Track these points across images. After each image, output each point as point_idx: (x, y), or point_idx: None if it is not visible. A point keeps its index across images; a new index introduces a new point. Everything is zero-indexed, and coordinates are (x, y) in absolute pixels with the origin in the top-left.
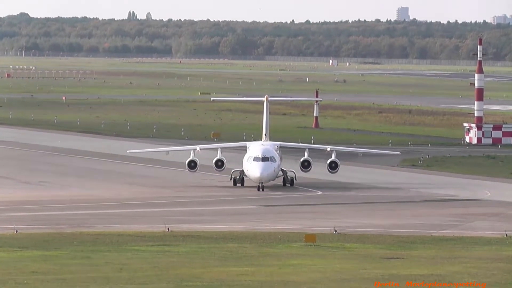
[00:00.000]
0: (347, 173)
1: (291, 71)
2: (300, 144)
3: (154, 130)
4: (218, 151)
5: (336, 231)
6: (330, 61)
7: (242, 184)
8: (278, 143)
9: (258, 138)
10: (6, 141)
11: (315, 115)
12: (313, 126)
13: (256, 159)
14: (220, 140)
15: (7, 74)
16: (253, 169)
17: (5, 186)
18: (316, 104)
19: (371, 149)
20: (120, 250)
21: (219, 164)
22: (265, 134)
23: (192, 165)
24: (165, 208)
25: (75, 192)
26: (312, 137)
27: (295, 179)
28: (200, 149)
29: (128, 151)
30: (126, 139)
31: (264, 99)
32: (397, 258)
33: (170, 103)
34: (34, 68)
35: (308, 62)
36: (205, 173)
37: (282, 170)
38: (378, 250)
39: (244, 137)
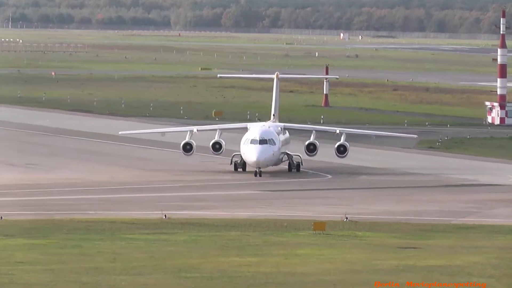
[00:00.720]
0: (359, 155)
1: (299, 45)
2: (306, 125)
3: (151, 108)
4: (217, 133)
5: (347, 218)
6: (341, 34)
7: (244, 169)
8: (283, 124)
9: (263, 117)
10: None
11: (324, 92)
12: (322, 105)
13: (253, 141)
14: (223, 119)
15: None
16: (249, 153)
17: None
18: (326, 81)
19: (385, 132)
20: (114, 239)
21: (217, 147)
22: (273, 115)
23: (188, 148)
24: (162, 193)
25: (65, 175)
26: (322, 117)
27: (302, 164)
28: (197, 130)
29: (120, 132)
30: (121, 118)
31: (275, 76)
32: (413, 248)
33: (168, 79)
34: (21, 41)
35: (317, 35)
36: (205, 155)
37: (287, 154)
38: (392, 239)
39: (248, 116)
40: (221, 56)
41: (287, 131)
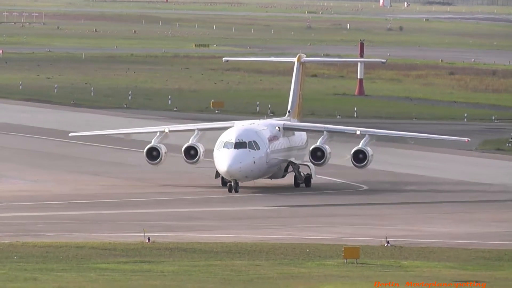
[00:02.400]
0: (403, 160)
1: (325, 14)
2: (316, 124)
3: (129, 97)
4: (194, 134)
5: (388, 242)
6: (381, 0)
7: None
8: (282, 122)
9: (277, 109)
10: None
11: (359, 77)
12: (356, 93)
13: (227, 145)
14: (224, 112)
15: None
16: (220, 160)
17: None
18: (360, 63)
19: (426, 134)
20: (81, 269)
21: (192, 153)
22: (289, 111)
23: (154, 154)
24: (143, 210)
25: (15, 186)
26: (355, 109)
27: (313, 177)
28: (169, 131)
29: (70, 134)
30: (89, 110)
31: (295, 59)
32: (476, 281)
33: (152, 59)
34: None
35: (349, 1)
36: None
37: (292, 164)
38: (447, 270)
39: (258, 108)
40: (222, 28)
41: (300, 133)
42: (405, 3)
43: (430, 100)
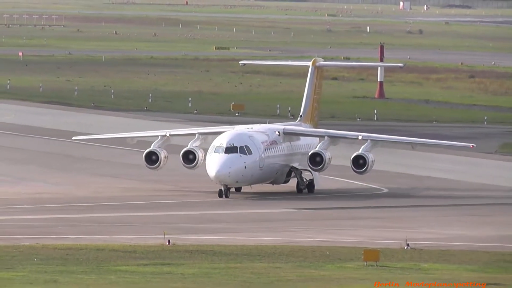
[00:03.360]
0: (424, 163)
1: (345, 17)
2: (317, 129)
3: (150, 100)
4: (195, 138)
5: (408, 245)
6: (401, 3)
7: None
8: (282, 127)
9: (297, 111)
10: None
11: (379, 80)
12: (376, 96)
13: (217, 149)
14: (244, 114)
15: None
16: (209, 165)
17: None
18: (380, 66)
19: (431, 140)
20: (101, 271)
21: (190, 157)
22: (301, 115)
23: (154, 158)
24: (163, 212)
25: (36, 188)
26: (375, 112)
27: (316, 182)
28: (170, 135)
29: (73, 138)
30: (109, 112)
31: (310, 63)
32: (496, 284)
33: (172, 61)
34: None
35: (369, 4)
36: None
37: (294, 168)
38: (468, 273)
39: (278, 111)
40: (242, 31)
41: (310, 138)
42: (425, 6)
43: (450, 103)
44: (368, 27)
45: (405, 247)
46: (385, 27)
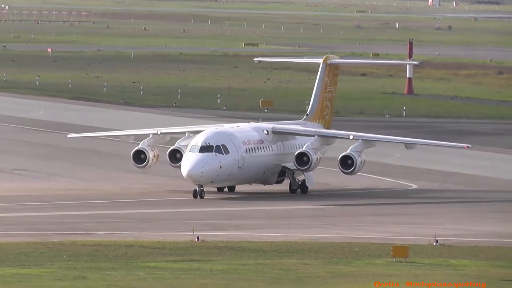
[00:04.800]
0: (453, 159)
1: (374, 14)
2: (308, 128)
3: (179, 96)
4: (184, 137)
5: (437, 241)
6: None
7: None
8: (271, 125)
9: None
10: None
11: (408, 76)
12: (405, 92)
13: (193, 148)
14: (273, 111)
15: None
16: (183, 164)
17: None
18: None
19: (426, 140)
20: (130, 268)
21: (178, 156)
22: (307, 114)
23: (142, 157)
24: (192, 208)
25: (65, 184)
26: (404, 108)
27: (309, 183)
28: (161, 133)
29: (68, 136)
30: (139, 108)
31: (321, 61)
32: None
33: (201, 58)
34: (7, 7)
35: (397, 0)
36: None
37: (286, 168)
38: (496, 269)
39: (307, 107)
40: (271, 27)
41: (273, 135)
42: (454, 2)
43: (478, 99)
44: (397, 24)
45: (434, 243)
46: (414, 23)
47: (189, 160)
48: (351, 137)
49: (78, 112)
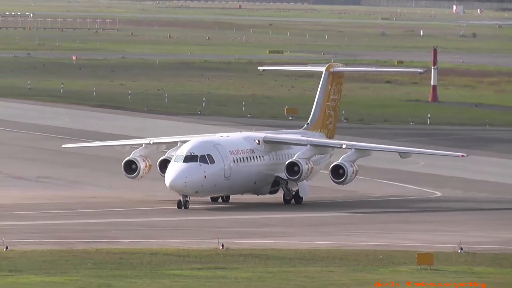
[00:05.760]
0: (475, 167)
1: (398, 21)
2: (300, 137)
3: (203, 104)
4: (176, 147)
5: (462, 249)
6: (454, 6)
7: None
8: (263, 135)
9: (350, 115)
10: None
11: (432, 83)
12: (429, 100)
13: (177, 158)
14: (298, 118)
15: None
16: (167, 174)
17: None
18: (433, 68)
19: (420, 149)
20: (154, 276)
21: (133, 167)
22: (308, 123)
23: (133, 167)
24: (217, 216)
25: (89, 192)
26: (429, 116)
27: (303, 193)
28: (153, 142)
29: (63, 146)
30: (163, 116)
31: (324, 69)
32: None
33: (226, 65)
34: (31, 15)
35: (422, 8)
36: None
37: (279, 178)
38: None
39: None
40: (296, 34)
41: (264, 145)
42: (478, 9)
43: (503, 106)
44: (421, 31)
45: (459, 251)
46: (439, 30)
47: (173, 170)
48: (344, 146)
49: (103, 120)
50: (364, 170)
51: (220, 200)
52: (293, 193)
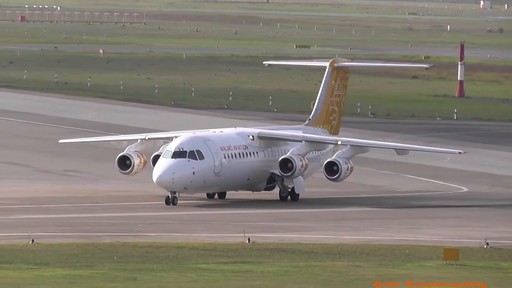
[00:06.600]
0: (502, 162)
1: (426, 16)
2: (295, 133)
3: (230, 98)
4: (170, 142)
5: (488, 244)
6: (481, 2)
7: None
8: (258, 131)
9: (377, 110)
10: (18, 112)
11: (459, 78)
12: (456, 95)
13: (166, 154)
14: None
15: (21, 17)
16: (154, 169)
17: (17, 176)
18: (460, 64)
19: (419, 146)
20: (181, 269)
21: (127, 163)
22: (309, 119)
23: (127, 163)
24: (243, 210)
25: (115, 185)
26: (455, 111)
27: (299, 190)
28: (148, 138)
29: (60, 141)
30: (190, 110)
31: (328, 64)
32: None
33: (253, 60)
34: (58, 8)
35: (449, 3)
36: None
37: (275, 175)
38: None
39: (359, 109)
40: (323, 29)
41: (259, 141)
42: (506, 5)
43: None
44: (448, 26)
45: (485, 246)
46: (466, 26)
47: (161, 166)
48: (339, 142)
49: (130, 114)
50: (390, 165)
51: (216, 196)
52: (289, 189)
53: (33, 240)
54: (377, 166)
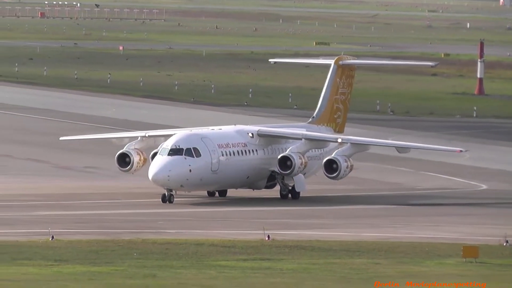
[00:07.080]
0: None
1: (445, 13)
2: (295, 131)
3: (250, 95)
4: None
5: (507, 242)
6: None
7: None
8: (257, 128)
9: (396, 107)
10: (38, 108)
11: (478, 76)
12: (476, 92)
13: (162, 151)
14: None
15: (41, 13)
16: (150, 167)
17: (37, 173)
18: (480, 61)
19: (418, 144)
20: (200, 266)
21: (127, 160)
22: (313, 116)
23: (127, 160)
24: (263, 207)
25: (135, 182)
26: (475, 108)
27: (299, 188)
28: (148, 135)
29: (61, 138)
30: (209, 107)
31: (333, 62)
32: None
33: (273, 57)
34: (78, 4)
35: (468, 0)
36: None
37: (275, 173)
38: None
39: (378, 107)
40: (342, 26)
41: (258, 139)
42: None
43: None
44: (468, 23)
45: (504, 244)
46: (485, 23)
47: (157, 163)
48: (339, 140)
49: (149, 111)
50: (410, 162)
51: (216, 194)
52: (290, 187)
53: (53, 237)
54: (397, 164)
